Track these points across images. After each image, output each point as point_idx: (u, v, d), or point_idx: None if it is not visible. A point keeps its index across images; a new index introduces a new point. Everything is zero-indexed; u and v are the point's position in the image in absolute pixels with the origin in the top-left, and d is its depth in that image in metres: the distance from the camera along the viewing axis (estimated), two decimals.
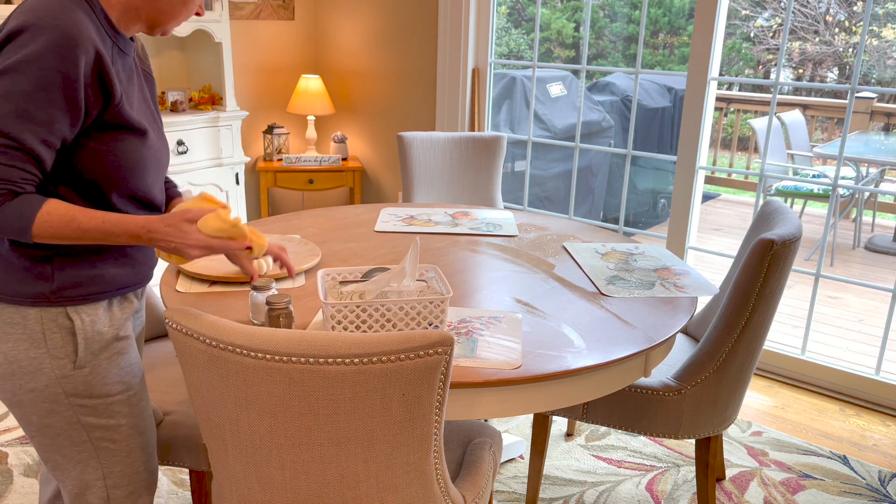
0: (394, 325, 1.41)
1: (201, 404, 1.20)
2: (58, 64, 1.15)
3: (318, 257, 1.91)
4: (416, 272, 1.48)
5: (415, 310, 1.41)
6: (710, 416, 1.88)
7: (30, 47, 1.15)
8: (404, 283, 1.47)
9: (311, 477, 1.18)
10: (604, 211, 5.25)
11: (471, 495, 1.42)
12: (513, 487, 2.28)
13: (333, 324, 1.38)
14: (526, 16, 8.98)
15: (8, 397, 1.33)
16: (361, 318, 1.39)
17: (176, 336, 1.16)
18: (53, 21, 1.16)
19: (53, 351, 1.29)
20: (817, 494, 2.31)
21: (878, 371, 2.90)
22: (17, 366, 1.29)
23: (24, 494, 2.18)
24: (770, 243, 1.70)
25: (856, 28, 9.71)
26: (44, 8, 1.18)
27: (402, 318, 1.41)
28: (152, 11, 1.30)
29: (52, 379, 1.30)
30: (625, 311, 1.68)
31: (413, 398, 1.12)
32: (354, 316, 1.38)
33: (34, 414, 1.33)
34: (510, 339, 1.50)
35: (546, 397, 1.44)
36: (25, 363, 1.29)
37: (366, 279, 1.54)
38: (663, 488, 2.30)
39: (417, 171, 2.89)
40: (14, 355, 1.29)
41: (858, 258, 4.96)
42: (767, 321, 1.85)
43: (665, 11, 9.13)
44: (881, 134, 5.96)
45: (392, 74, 3.99)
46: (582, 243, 2.19)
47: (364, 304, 1.37)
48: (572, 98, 4.87)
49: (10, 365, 1.29)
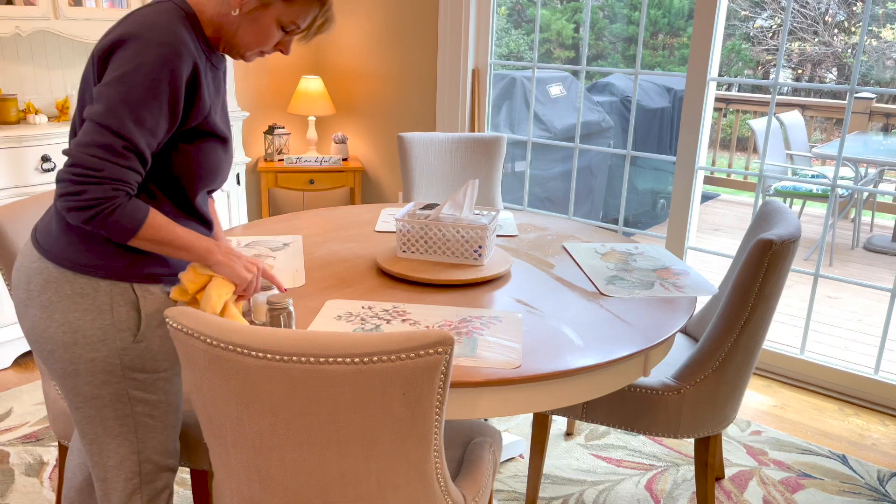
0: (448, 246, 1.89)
1: (202, 404, 1.21)
2: (167, 75, 1.25)
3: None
4: (472, 205, 1.95)
5: (459, 233, 1.88)
6: (710, 416, 1.88)
7: (143, 57, 1.24)
8: (463, 214, 1.93)
9: (312, 476, 1.19)
10: (603, 211, 5.26)
11: (471, 494, 1.43)
12: (513, 486, 2.29)
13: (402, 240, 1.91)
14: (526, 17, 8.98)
15: (63, 367, 1.38)
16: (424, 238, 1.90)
17: (177, 335, 1.16)
18: (163, 34, 1.26)
19: (118, 323, 1.36)
20: (816, 494, 2.31)
21: (877, 371, 2.91)
22: (80, 335, 1.35)
23: (25, 494, 2.18)
24: (769, 243, 1.71)
25: (855, 28, 9.71)
26: (153, 21, 1.28)
27: (453, 239, 1.88)
28: (233, 38, 1.39)
29: (114, 350, 1.36)
30: (624, 311, 1.69)
31: (413, 397, 1.13)
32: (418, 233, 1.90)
33: (87, 384, 1.38)
34: (510, 339, 1.50)
35: (546, 397, 1.45)
36: (90, 333, 1.35)
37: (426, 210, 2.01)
38: (663, 487, 2.31)
39: (417, 172, 2.90)
40: (79, 325, 1.34)
41: (857, 258, 4.96)
42: (766, 321, 1.85)
43: (664, 12, 9.14)
44: (880, 134, 5.96)
45: (392, 75, 4.00)
46: (582, 243, 2.19)
47: (424, 224, 1.87)
48: (572, 99, 4.87)
49: (74, 334, 1.35)
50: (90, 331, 1.35)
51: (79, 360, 1.36)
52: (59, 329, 1.35)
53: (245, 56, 1.43)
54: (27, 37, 3.16)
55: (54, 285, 1.34)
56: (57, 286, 1.34)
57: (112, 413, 1.41)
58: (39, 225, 1.41)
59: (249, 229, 2.23)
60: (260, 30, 1.38)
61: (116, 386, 1.39)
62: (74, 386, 1.39)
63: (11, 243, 1.70)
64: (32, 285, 1.35)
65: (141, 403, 1.42)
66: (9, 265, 1.71)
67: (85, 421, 1.43)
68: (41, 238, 1.37)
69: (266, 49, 1.42)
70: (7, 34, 2.84)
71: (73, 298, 1.34)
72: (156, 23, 1.27)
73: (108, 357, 1.37)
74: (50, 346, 1.37)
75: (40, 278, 1.35)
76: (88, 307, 1.34)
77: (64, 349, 1.36)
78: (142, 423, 1.44)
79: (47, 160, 2.90)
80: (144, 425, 1.44)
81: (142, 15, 1.29)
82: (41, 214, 1.81)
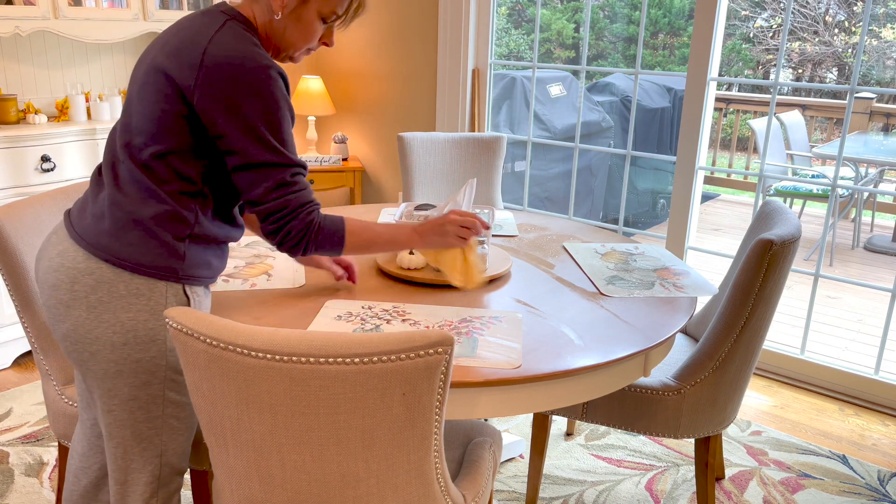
0: None
1: (202, 403, 1.21)
2: (280, 90, 1.34)
3: None
4: (471, 205, 1.90)
5: None
6: (710, 416, 1.88)
7: (256, 83, 1.30)
8: None
9: (312, 476, 1.19)
10: (603, 211, 5.26)
11: (471, 494, 1.43)
12: (513, 486, 2.29)
13: None
14: (526, 16, 8.98)
15: (106, 368, 1.38)
16: None
17: (176, 335, 1.16)
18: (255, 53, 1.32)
19: None
20: (816, 494, 2.31)
21: (878, 371, 2.91)
22: (132, 335, 1.36)
23: (25, 494, 2.18)
24: (769, 243, 1.71)
25: (855, 28, 9.71)
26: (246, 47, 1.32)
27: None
28: (280, 41, 1.43)
29: (163, 350, 1.38)
30: (624, 311, 1.69)
31: (413, 398, 1.13)
32: None
33: (128, 385, 1.39)
34: (510, 340, 1.50)
35: (546, 397, 1.45)
36: (142, 333, 1.36)
37: (421, 211, 2.00)
38: (663, 488, 2.31)
39: (417, 172, 2.90)
40: (132, 325, 1.35)
41: (857, 258, 4.96)
42: (767, 321, 1.85)
43: (665, 12, 9.14)
44: (880, 134, 5.96)
45: (392, 75, 4.00)
46: (582, 243, 2.19)
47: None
48: (572, 98, 4.87)
49: (126, 334, 1.35)
50: (142, 331, 1.36)
51: (125, 361, 1.37)
52: (107, 329, 1.35)
53: (294, 57, 1.48)
54: (27, 37, 3.16)
55: (107, 286, 1.34)
56: (110, 287, 1.34)
57: (144, 416, 1.42)
58: (81, 223, 1.39)
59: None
60: (304, 26, 1.41)
61: (156, 387, 1.40)
62: (114, 387, 1.39)
63: (12, 243, 1.69)
64: (78, 286, 1.34)
65: (172, 405, 1.44)
66: (8, 265, 1.70)
67: (116, 424, 1.43)
68: (89, 237, 1.36)
69: (312, 45, 1.46)
70: (7, 34, 2.84)
71: (127, 299, 1.34)
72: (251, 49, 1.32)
73: (155, 358, 1.38)
74: (95, 346, 1.36)
75: (90, 279, 1.34)
76: (143, 307, 1.35)
77: (111, 349, 1.36)
78: (168, 426, 1.45)
79: (47, 160, 2.90)
80: (171, 428, 1.45)
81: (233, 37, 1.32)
82: (41, 214, 1.81)
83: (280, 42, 1.43)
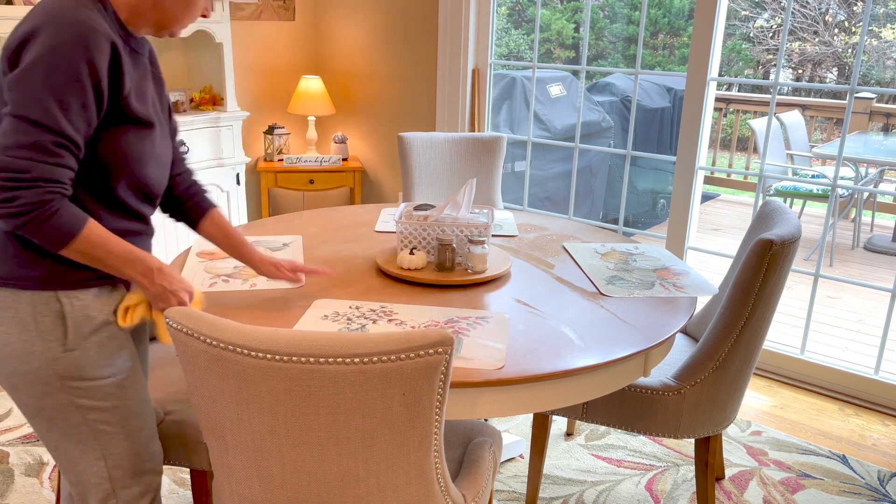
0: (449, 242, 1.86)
1: (202, 403, 1.21)
2: (83, 54, 1.19)
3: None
4: (471, 205, 1.96)
5: (463, 233, 1.88)
6: (710, 416, 1.88)
7: (56, 39, 1.17)
8: (460, 213, 1.93)
9: (312, 476, 1.19)
10: (603, 211, 5.26)
11: (471, 494, 1.43)
12: (513, 487, 2.29)
13: (402, 242, 1.90)
14: (526, 16, 8.99)
15: (4, 382, 1.36)
16: (423, 236, 1.89)
17: (176, 335, 1.16)
18: (72, 16, 1.20)
19: (43, 334, 1.32)
20: (816, 494, 2.31)
21: (878, 371, 2.91)
22: (9, 349, 1.32)
23: (25, 494, 2.18)
24: (769, 243, 1.71)
25: (855, 28, 9.71)
26: (58, 7, 1.21)
27: (456, 236, 1.87)
28: (157, 14, 1.34)
29: (44, 361, 1.32)
30: (624, 311, 1.69)
31: (413, 398, 1.13)
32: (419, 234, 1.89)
33: (29, 396, 1.36)
34: (495, 340, 1.50)
35: (546, 397, 1.45)
36: (17, 346, 1.31)
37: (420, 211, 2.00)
38: (663, 488, 2.31)
39: (417, 172, 2.90)
40: (6, 339, 1.31)
41: (857, 258, 4.96)
42: (767, 321, 1.85)
43: (665, 12, 9.14)
44: (880, 134, 5.96)
45: (392, 75, 4.00)
46: (582, 243, 2.19)
47: (425, 225, 1.87)
48: (572, 98, 4.87)
49: (4, 349, 1.32)
50: (16, 345, 1.31)
51: (14, 374, 1.33)
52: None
53: (174, 32, 1.38)
54: None
55: None
56: None
57: (64, 423, 1.38)
58: None
59: (249, 229, 2.23)
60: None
61: (58, 396, 1.35)
62: (20, 399, 1.37)
63: None
64: None
65: (93, 411, 1.38)
66: None
67: (42, 431, 1.40)
68: None
69: (195, 15, 1.37)
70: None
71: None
72: (63, 8, 1.21)
73: (40, 369, 1.32)
74: None
75: None
76: (12, 320, 1.30)
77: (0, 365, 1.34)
78: (100, 431, 1.40)
79: None
80: (104, 433, 1.40)
81: (48, 3, 1.23)
82: None
83: (152, 16, 1.33)
